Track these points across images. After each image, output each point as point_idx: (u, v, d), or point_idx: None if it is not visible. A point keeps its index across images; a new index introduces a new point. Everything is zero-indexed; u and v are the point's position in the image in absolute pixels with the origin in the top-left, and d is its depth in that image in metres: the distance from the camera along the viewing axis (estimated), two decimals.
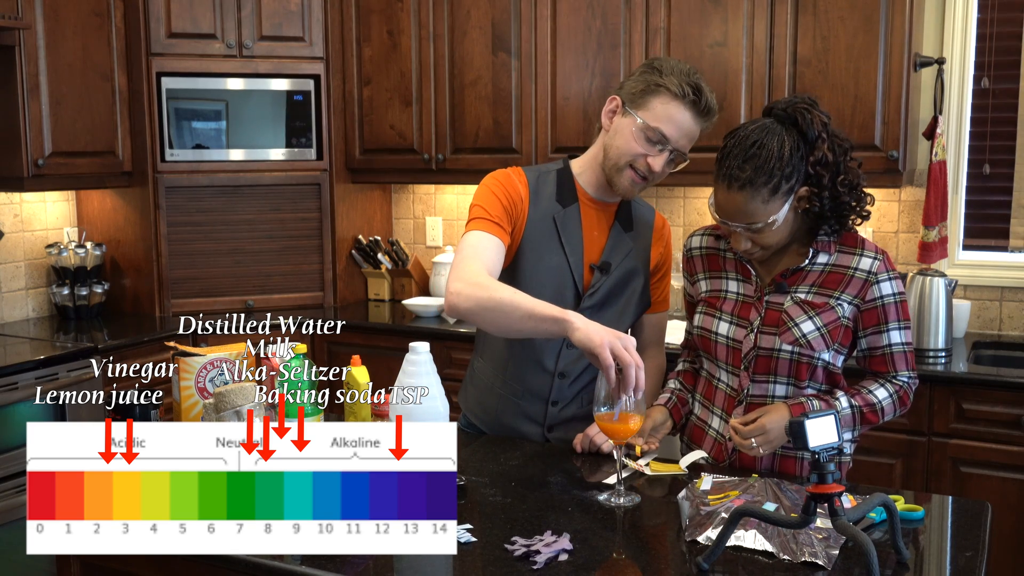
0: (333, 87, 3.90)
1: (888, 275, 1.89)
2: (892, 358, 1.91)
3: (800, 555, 1.46)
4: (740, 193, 1.78)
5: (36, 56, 3.35)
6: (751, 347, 1.90)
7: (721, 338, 1.94)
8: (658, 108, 1.91)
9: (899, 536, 1.46)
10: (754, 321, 1.90)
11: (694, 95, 1.91)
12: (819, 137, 1.79)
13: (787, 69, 3.14)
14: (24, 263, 3.78)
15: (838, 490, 1.38)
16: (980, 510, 1.69)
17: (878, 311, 1.88)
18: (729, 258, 1.99)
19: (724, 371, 1.96)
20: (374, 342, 3.58)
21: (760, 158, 1.76)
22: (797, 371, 1.88)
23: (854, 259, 1.89)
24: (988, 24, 3.26)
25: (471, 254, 1.89)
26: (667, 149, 1.93)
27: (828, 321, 1.86)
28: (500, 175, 2.03)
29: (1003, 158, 3.28)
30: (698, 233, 2.08)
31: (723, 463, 1.95)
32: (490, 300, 1.79)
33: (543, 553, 1.46)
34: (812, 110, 1.80)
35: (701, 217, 3.69)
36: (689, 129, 1.94)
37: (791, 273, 1.90)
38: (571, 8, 3.45)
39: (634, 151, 1.94)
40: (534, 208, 2.01)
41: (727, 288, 1.97)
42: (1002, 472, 2.76)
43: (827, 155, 1.79)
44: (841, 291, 1.87)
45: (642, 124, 1.92)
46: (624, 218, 2.09)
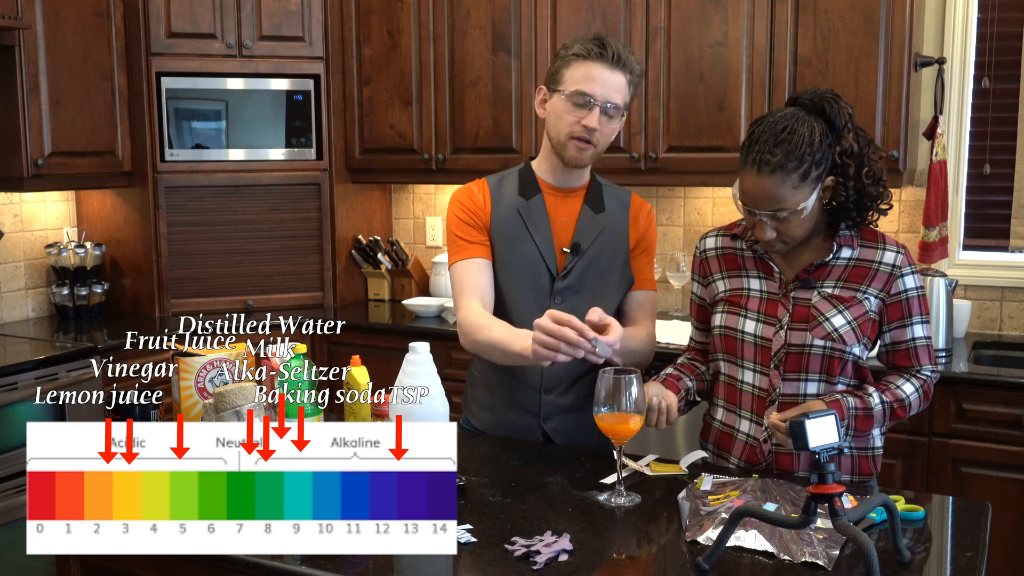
0: (333, 87, 3.90)
1: (911, 269, 1.90)
2: (916, 352, 1.91)
3: (800, 555, 1.46)
4: (770, 177, 1.77)
5: (36, 56, 3.36)
6: (781, 344, 1.88)
7: (748, 336, 1.92)
8: (573, 74, 2.01)
9: (899, 536, 1.46)
10: (782, 318, 1.89)
11: (599, 48, 1.99)
12: (845, 127, 1.81)
13: (787, 69, 3.14)
14: (24, 263, 3.78)
15: (838, 490, 1.39)
16: (980, 510, 1.69)
17: (902, 305, 1.88)
18: (748, 256, 1.98)
19: (750, 371, 1.94)
20: (374, 342, 3.58)
21: (791, 143, 1.76)
22: (829, 366, 1.87)
23: (877, 253, 1.90)
24: (988, 24, 3.26)
25: (460, 290, 2.08)
26: (595, 105, 1.99)
27: (857, 315, 1.86)
28: (458, 194, 2.15)
29: (1003, 158, 3.28)
30: (711, 235, 2.07)
31: (759, 465, 1.93)
32: (478, 344, 2.01)
33: (543, 553, 1.46)
34: (838, 101, 1.82)
35: (701, 217, 3.69)
36: (608, 80, 1.99)
37: (815, 268, 1.89)
38: (571, 8, 3.45)
39: (568, 121, 2.02)
40: (496, 207, 2.11)
41: (749, 286, 1.96)
42: (1002, 472, 2.76)
43: (853, 145, 1.81)
44: (867, 285, 1.87)
45: (565, 95, 2.01)
46: (593, 201, 2.13)
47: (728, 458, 1.98)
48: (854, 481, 1.93)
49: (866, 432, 1.91)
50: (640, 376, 1.70)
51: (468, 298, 2.06)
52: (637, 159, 3.39)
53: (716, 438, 2.02)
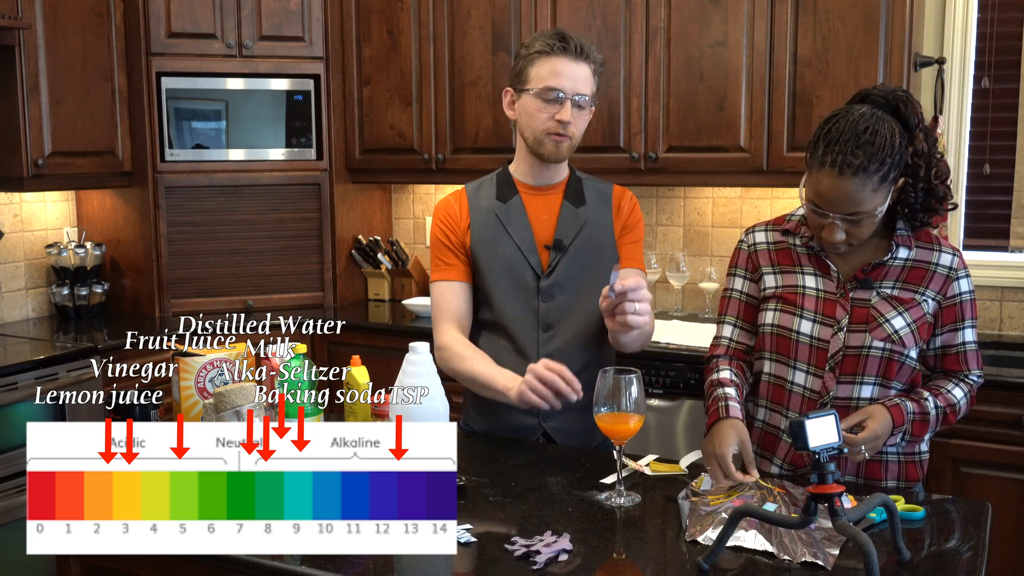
0: (333, 87, 3.91)
1: (966, 272, 1.88)
2: (965, 356, 1.89)
3: (800, 555, 1.46)
4: (852, 180, 1.71)
5: (36, 56, 3.36)
6: (840, 347, 1.85)
7: (804, 337, 1.88)
8: (539, 71, 2.03)
9: (899, 536, 1.46)
10: (841, 319, 1.85)
11: (561, 42, 2.01)
12: (917, 126, 1.77)
13: (787, 69, 3.14)
14: (24, 263, 3.79)
15: (838, 490, 1.38)
16: (980, 510, 1.70)
17: (956, 308, 1.87)
18: (803, 252, 1.93)
19: (802, 373, 1.89)
20: (374, 342, 3.58)
21: (874, 145, 1.71)
22: (887, 369, 1.84)
23: (934, 254, 1.87)
24: (988, 24, 3.27)
25: (438, 313, 2.14)
26: (566, 99, 2.01)
27: (916, 317, 1.84)
28: (438, 206, 2.19)
29: (1003, 158, 3.29)
30: (760, 228, 2.01)
31: (803, 469, 1.90)
32: (457, 372, 2.08)
33: (543, 553, 1.47)
34: (911, 100, 1.78)
35: (701, 217, 3.70)
36: (574, 73, 2.01)
37: (872, 268, 1.86)
38: (571, 8, 3.46)
39: (540, 118, 2.03)
40: (475, 214, 2.14)
41: (804, 283, 1.91)
42: (1002, 472, 2.76)
43: (923, 145, 1.77)
44: (925, 287, 1.85)
45: (533, 92, 2.03)
46: (573, 196, 2.14)
47: (772, 459, 1.96)
48: (900, 488, 1.90)
49: (920, 437, 1.89)
50: (640, 376, 1.70)
51: (446, 323, 2.11)
52: (637, 159, 3.40)
53: (760, 438, 1.98)
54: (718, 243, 3.69)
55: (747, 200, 3.62)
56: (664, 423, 3.08)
